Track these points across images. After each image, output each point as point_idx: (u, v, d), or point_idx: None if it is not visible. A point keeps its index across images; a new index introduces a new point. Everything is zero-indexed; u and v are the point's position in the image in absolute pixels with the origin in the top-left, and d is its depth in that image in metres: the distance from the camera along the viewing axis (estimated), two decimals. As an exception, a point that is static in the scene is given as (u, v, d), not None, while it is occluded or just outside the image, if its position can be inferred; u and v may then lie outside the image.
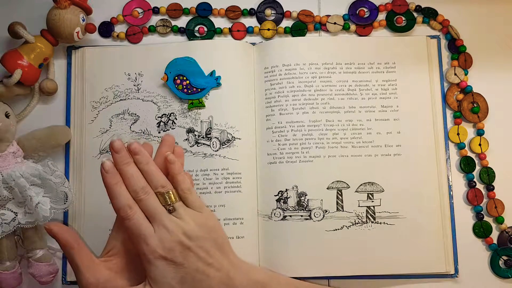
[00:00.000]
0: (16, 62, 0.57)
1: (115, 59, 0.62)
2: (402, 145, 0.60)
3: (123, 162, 0.45)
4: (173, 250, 0.43)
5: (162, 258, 0.42)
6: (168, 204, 0.45)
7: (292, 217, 0.58)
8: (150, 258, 0.43)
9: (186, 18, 0.64)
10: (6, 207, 0.55)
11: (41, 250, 0.57)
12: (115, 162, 0.45)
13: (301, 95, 0.60)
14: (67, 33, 0.58)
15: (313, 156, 0.59)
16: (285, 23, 0.64)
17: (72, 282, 0.58)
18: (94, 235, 0.58)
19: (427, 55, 0.62)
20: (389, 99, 0.61)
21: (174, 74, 0.60)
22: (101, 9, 0.63)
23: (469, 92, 0.62)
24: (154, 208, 0.44)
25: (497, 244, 0.59)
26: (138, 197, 0.44)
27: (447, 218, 0.59)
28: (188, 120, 0.60)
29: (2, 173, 0.54)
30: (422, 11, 0.64)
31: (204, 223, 0.45)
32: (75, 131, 0.61)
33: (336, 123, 0.60)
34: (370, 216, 0.58)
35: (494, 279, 0.59)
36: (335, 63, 0.61)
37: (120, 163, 0.45)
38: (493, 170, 0.61)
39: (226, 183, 0.59)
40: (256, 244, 0.58)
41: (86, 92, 0.61)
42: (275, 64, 0.61)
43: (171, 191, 0.45)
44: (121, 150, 0.45)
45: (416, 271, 0.58)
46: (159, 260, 0.42)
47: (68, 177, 0.60)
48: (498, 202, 0.60)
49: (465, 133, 0.61)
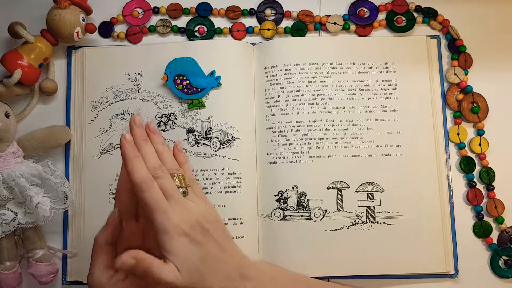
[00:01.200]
0: (16, 62, 0.57)
1: (115, 59, 0.62)
2: (402, 145, 0.60)
3: (142, 138, 0.45)
4: (194, 228, 0.42)
5: (185, 234, 0.41)
6: (182, 187, 0.44)
7: (292, 217, 0.58)
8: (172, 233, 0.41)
9: (186, 18, 0.64)
10: (6, 207, 0.55)
11: (41, 250, 0.57)
12: (134, 136, 0.45)
13: (301, 95, 0.60)
14: (67, 33, 0.58)
15: (313, 156, 0.59)
16: (285, 23, 0.64)
17: (72, 282, 0.58)
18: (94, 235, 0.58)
19: (427, 55, 0.62)
20: (389, 99, 0.61)
21: (174, 74, 0.60)
22: (101, 9, 0.63)
23: (469, 92, 0.62)
24: (172, 187, 0.43)
25: (497, 244, 0.59)
26: (156, 174, 0.43)
27: (447, 218, 0.59)
28: (188, 120, 0.60)
29: (2, 173, 0.54)
30: (422, 11, 0.64)
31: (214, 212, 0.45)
32: (75, 131, 0.61)
33: (336, 123, 0.60)
34: (370, 216, 0.58)
35: (494, 279, 0.59)
36: (335, 63, 0.61)
37: (139, 138, 0.45)
38: (493, 170, 0.61)
39: (226, 183, 0.59)
40: (256, 244, 0.58)
41: (86, 92, 0.61)
42: (275, 64, 0.61)
43: (184, 174, 0.45)
44: (141, 126, 0.45)
45: (416, 271, 0.58)
46: (183, 236, 0.41)
47: (68, 177, 0.60)
48: (498, 202, 0.60)
49: (465, 133, 0.61)
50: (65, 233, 0.59)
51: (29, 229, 0.56)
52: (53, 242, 0.59)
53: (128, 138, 0.44)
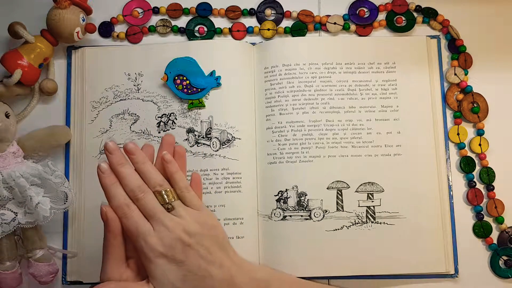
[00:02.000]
0: (16, 62, 0.57)
1: (115, 59, 0.62)
2: (402, 145, 0.60)
3: (118, 163, 0.45)
4: (173, 248, 0.43)
5: (162, 256, 0.42)
6: (166, 203, 0.45)
7: (292, 217, 0.58)
8: (150, 256, 0.42)
9: (186, 18, 0.64)
10: (6, 207, 0.55)
11: (41, 250, 0.57)
12: (110, 163, 0.45)
13: (301, 95, 0.60)
14: (67, 33, 0.58)
15: (313, 156, 0.59)
16: (285, 23, 0.64)
17: (72, 282, 0.58)
18: (94, 235, 0.58)
19: (427, 55, 0.62)
20: (389, 99, 0.61)
21: (174, 74, 0.60)
22: (101, 9, 0.63)
23: (469, 92, 0.62)
24: (153, 207, 0.44)
25: (497, 244, 0.59)
26: (135, 196, 0.44)
27: (447, 218, 0.59)
28: (188, 120, 0.60)
29: (2, 173, 0.54)
30: (422, 11, 0.64)
31: (204, 221, 0.45)
32: (75, 131, 0.61)
33: (336, 123, 0.60)
34: (370, 216, 0.58)
35: (494, 279, 0.59)
36: (335, 63, 0.61)
37: (115, 164, 0.45)
38: (493, 170, 0.61)
39: (226, 183, 0.59)
40: (256, 244, 0.58)
41: (86, 92, 0.61)
42: (275, 64, 0.61)
43: (169, 189, 0.45)
44: (115, 151, 0.45)
45: (416, 271, 0.58)
46: (160, 258, 0.42)
47: (68, 177, 0.60)
48: (498, 202, 0.60)
49: (465, 133, 0.61)
50: (65, 233, 0.59)
51: (29, 229, 0.56)
52: (53, 242, 0.59)
53: (104, 168, 0.45)
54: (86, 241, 0.59)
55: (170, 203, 0.45)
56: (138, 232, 0.43)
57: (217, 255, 0.44)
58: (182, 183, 0.46)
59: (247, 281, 0.45)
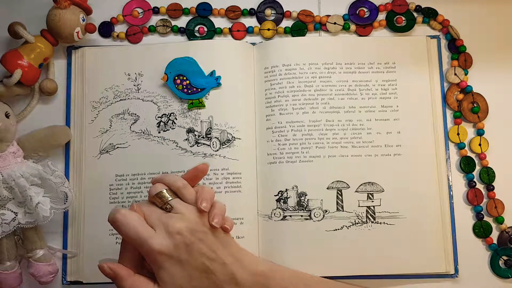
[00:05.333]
0: (16, 62, 0.57)
1: (115, 59, 0.62)
2: (402, 145, 0.60)
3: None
4: (177, 247, 0.43)
5: (168, 257, 0.43)
6: (164, 203, 0.45)
7: (292, 217, 0.58)
8: (157, 259, 0.43)
9: (186, 18, 0.64)
10: (6, 207, 0.55)
11: (41, 250, 0.57)
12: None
13: (301, 95, 0.60)
14: (67, 33, 0.58)
15: (313, 156, 0.59)
16: (285, 23, 0.64)
17: (72, 282, 0.58)
18: (94, 235, 0.58)
19: (427, 55, 0.62)
20: (389, 99, 0.61)
21: (174, 74, 0.60)
22: (101, 9, 0.63)
23: (469, 92, 0.62)
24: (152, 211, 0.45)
25: (497, 244, 0.59)
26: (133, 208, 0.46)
27: (447, 218, 0.59)
28: (188, 120, 0.60)
29: (2, 173, 0.54)
30: (422, 11, 0.64)
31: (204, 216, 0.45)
32: (75, 131, 0.61)
33: (336, 123, 0.60)
34: (370, 216, 0.58)
35: (494, 279, 0.59)
36: (335, 63, 0.61)
37: None
38: (493, 170, 0.61)
39: (226, 183, 0.59)
40: (256, 244, 0.58)
41: (86, 92, 0.61)
42: (275, 64, 0.61)
43: (165, 189, 0.46)
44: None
45: (416, 271, 0.58)
46: (166, 261, 0.43)
47: (68, 177, 0.60)
48: (498, 202, 0.60)
49: (465, 133, 0.61)
50: (65, 233, 0.59)
51: (29, 229, 0.56)
52: (53, 242, 0.59)
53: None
54: (86, 241, 0.59)
55: (168, 202, 0.45)
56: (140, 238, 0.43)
57: (218, 252, 0.45)
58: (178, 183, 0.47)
59: (247, 277, 0.45)
